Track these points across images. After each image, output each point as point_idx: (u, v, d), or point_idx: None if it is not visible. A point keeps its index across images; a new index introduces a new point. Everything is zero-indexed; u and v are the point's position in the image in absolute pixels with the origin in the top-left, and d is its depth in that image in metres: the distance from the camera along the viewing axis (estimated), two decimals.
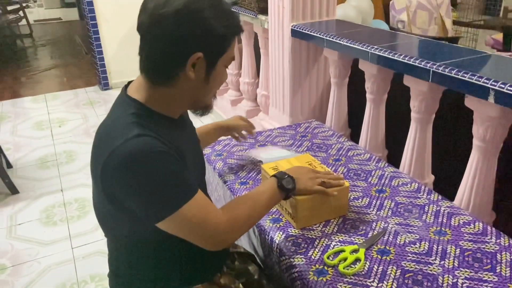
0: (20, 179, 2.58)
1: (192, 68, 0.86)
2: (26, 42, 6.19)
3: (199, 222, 0.86)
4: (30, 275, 1.83)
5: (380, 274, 0.99)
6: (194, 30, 0.83)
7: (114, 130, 0.85)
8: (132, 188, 0.82)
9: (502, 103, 1.13)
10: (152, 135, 0.83)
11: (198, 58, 0.85)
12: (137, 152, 0.80)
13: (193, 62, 0.86)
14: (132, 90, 0.91)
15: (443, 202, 1.25)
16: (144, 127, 0.84)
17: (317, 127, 1.81)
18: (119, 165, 0.80)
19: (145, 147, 0.80)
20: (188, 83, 0.88)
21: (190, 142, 1.03)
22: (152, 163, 0.80)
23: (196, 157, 1.05)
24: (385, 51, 1.50)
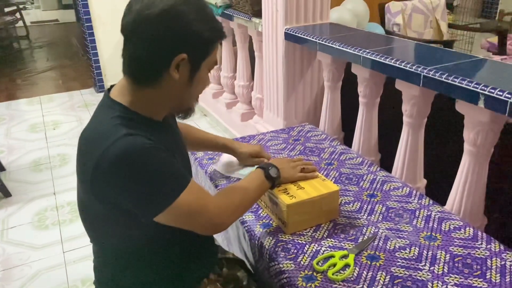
0: (13, 182, 2.56)
1: (176, 70, 0.87)
2: (22, 44, 6.17)
3: (197, 209, 0.89)
4: (21, 279, 1.81)
5: (369, 280, 0.98)
6: (180, 31, 0.85)
7: (100, 133, 0.85)
8: (126, 186, 0.82)
9: (492, 108, 1.13)
10: (140, 134, 0.84)
11: (183, 59, 0.86)
12: (128, 150, 0.80)
13: (177, 63, 0.86)
14: (115, 93, 0.91)
15: (434, 207, 1.24)
16: (131, 128, 0.84)
17: (310, 130, 1.80)
18: (112, 165, 0.80)
19: (135, 145, 0.81)
20: (172, 84, 0.89)
21: (176, 146, 1.02)
22: (144, 159, 0.81)
23: (183, 161, 1.05)
24: (377, 55, 1.49)
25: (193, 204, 0.88)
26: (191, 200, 0.87)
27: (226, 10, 2.64)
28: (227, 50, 2.98)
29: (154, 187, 0.83)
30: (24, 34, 6.41)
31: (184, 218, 0.89)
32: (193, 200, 0.88)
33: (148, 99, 0.90)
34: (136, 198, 0.84)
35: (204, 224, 0.92)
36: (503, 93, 1.10)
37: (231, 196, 1.00)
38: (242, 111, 2.87)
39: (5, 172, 2.68)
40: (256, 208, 1.26)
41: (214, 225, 0.95)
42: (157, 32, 0.84)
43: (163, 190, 0.84)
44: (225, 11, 2.64)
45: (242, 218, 1.23)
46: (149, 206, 0.84)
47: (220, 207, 0.94)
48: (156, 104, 0.92)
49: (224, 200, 0.98)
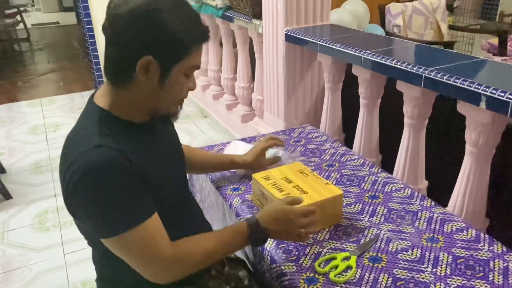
0: (14, 184, 2.56)
1: (145, 72, 0.83)
2: (23, 46, 6.18)
3: (143, 250, 0.83)
4: (22, 281, 1.81)
5: (371, 282, 0.98)
6: (145, 31, 0.81)
7: (76, 140, 0.86)
8: (83, 201, 0.81)
9: (493, 108, 1.13)
10: (113, 146, 0.81)
11: (149, 62, 0.82)
12: (92, 166, 0.78)
13: (144, 66, 0.83)
14: (97, 97, 0.90)
15: (436, 208, 1.24)
16: (107, 136, 0.83)
17: (311, 132, 1.80)
18: (75, 177, 0.79)
19: (101, 162, 0.79)
20: (142, 87, 0.86)
21: (163, 150, 0.98)
22: (106, 179, 0.79)
23: (170, 167, 1.00)
24: (378, 56, 1.49)
25: (141, 243, 0.82)
26: (140, 239, 0.82)
27: (226, 12, 2.64)
28: (227, 52, 2.98)
29: (107, 211, 0.80)
30: (25, 37, 6.42)
31: (128, 254, 0.84)
32: (142, 240, 0.82)
33: (124, 101, 0.88)
34: (88, 214, 0.83)
35: (146, 269, 0.86)
36: (505, 94, 1.09)
37: (194, 247, 0.91)
38: (242, 112, 2.87)
39: (5, 174, 2.68)
40: (257, 210, 1.26)
41: (156, 274, 0.87)
42: (122, 32, 0.81)
43: (115, 217, 0.81)
44: (226, 12, 2.64)
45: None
46: (97, 227, 0.83)
47: (171, 257, 0.86)
48: (132, 106, 0.89)
49: (181, 249, 0.88)
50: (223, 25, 2.85)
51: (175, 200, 1.01)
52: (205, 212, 1.58)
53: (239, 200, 1.31)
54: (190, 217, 1.08)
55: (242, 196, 1.33)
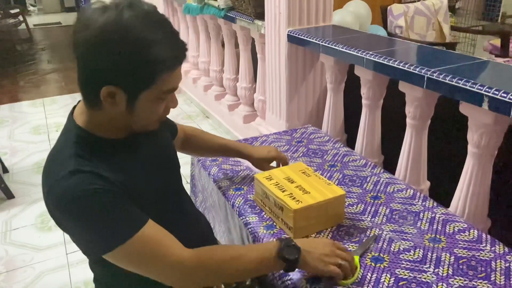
0: (16, 184, 2.57)
1: (110, 100, 0.79)
2: (25, 46, 6.20)
3: (148, 255, 0.81)
4: (24, 280, 1.82)
5: (374, 282, 0.98)
6: (106, 60, 0.76)
7: (54, 163, 0.84)
8: (69, 226, 0.81)
9: (496, 109, 1.13)
10: (88, 170, 0.79)
11: (112, 91, 0.78)
12: (69, 193, 0.77)
13: (107, 95, 0.78)
14: (76, 114, 0.88)
15: (438, 209, 1.24)
16: (83, 159, 0.81)
17: (313, 132, 1.80)
18: (55, 205, 0.80)
19: (77, 187, 0.78)
20: (111, 111, 0.82)
21: (150, 160, 0.96)
22: (86, 203, 0.78)
23: (159, 175, 0.98)
24: (380, 57, 1.49)
25: (146, 251, 0.81)
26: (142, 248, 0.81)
27: (228, 13, 2.64)
28: (229, 52, 2.99)
29: (96, 231, 0.80)
30: (27, 37, 6.43)
31: (138, 265, 0.83)
32: (144, 248, 0.81)
33: (99, 121, 0.85)
34: (78, 238, 0.83)
35: (167, 274, 0.83)
36: (507, 95, 1.09)
37: (219, 254, 0.88)
38: (244, 113, 2.88)
39: (8, 174, 2.69)
40: (260, 210, 1.26)
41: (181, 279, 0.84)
42: (85, 59, 0.77)
43: (105, 236, 0.80)
44: (228, 13, 2.65)
45: (246, 219, 1.23)
46: (94, 249, 0.82)
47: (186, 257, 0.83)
48: (107, 125, 0.86)
49: (198, 253, 0.85)
50: (225, 26, 2.85)
51: (166, 207, 0.99)
52: (207, 212, 1.59)
53: (242, 200, 1.32)
54: (185, 221, 1.07)
55: (245, 196, 1.33)
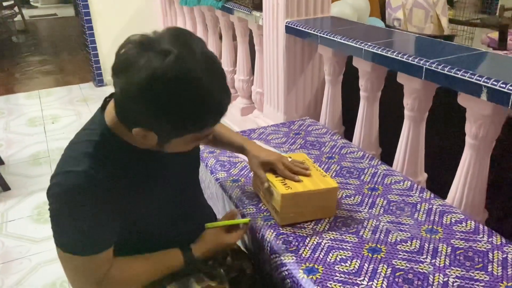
0: (12, 176, 2.55)
1: (142, 137, 0.80)
2: (21, 38, 6.14)
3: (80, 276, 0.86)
4: (20, 272, 1.81)
5: (370, 273, 0.98)
6: (145, 108, 0.75)
7: (71, 152, 0.85)
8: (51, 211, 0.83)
9: (494, 100, 1.13)
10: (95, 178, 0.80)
11: (144, 133, 0.79)
12: (67, 189, 0.80)
13: (139, 134, 0.79)
14: (108, 110, 0.86)
15: (435, 200, 1.24)
16: (99, 163, 0.82)
17: (311, 124, 1.80)
18: (52, 189, 0.82)
19: (76, 188, 0.79)
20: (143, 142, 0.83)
21: (169, 173, 0.96)
22: (74, 205, 0.80)
23: (173, 187, 0.99)
24: (379, 48, 1.48)
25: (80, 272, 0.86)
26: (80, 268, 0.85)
27: (226, 4, 2.62)
28: (227, 44, 2.97)
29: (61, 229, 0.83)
30: (22, 28, 6.37)
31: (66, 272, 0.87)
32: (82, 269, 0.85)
33: (129, 133, 0.83)
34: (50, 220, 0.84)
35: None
36: (506, 85, 1.09)
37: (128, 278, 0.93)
38: (242, 105, 2.86)
39: (4, 165, 2.68)
40: (257, 201, 1.26)
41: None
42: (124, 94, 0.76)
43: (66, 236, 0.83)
44: (225, 4, 2.62)
45: (243, 211, 1.22)
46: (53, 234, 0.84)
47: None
48: (136, 141, 0.85)
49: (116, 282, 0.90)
50: (222, 17, 2.83)
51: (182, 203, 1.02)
52: None
53: (239, 192, 1.31)
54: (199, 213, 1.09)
55: (242, 188, 1.33)
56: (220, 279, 1.04)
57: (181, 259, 0.98)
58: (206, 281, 1.02)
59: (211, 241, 1.02)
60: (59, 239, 0.84)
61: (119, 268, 0.90)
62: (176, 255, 0.98)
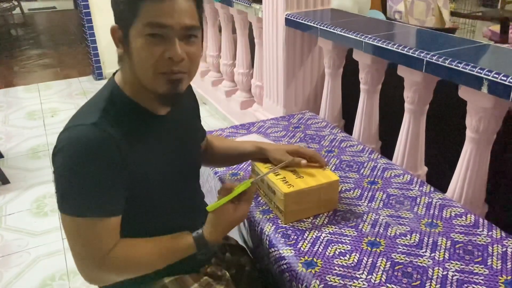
0: (11, 169, 2.55)
1: (117, 41, 0.87)
2: (19, 31, 6.11)
3: (83, 242, 0.82)
4: (20, 265, 1.81)
5: (369, 266, 0.98)
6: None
7: (82, 110, 0.88)
8: (57, 169, 0.81)
9: (495, 93, 1.12)
10: (107, 130, 0.79)
11: (113, 29, 0.86)
12: (76, 142, 0.79)
13: (112, 34, 0.86)
14: (118, 73, 0.92)
15: (435, 194, 1.24)
16: (109, 116, 0.82)
17: (311, 118, 1.79)
18: (59, 144, 0.81)
19: (86, 142, 0.78)
20: (119, 53, 0.88)
21: (171, 143, 0.96)
22: (82, 161, 0.78)
23: (175, 160, 0.97)
24: (379, 40, 1.47)
25: (83, 238, 0.81)
26: (84, 233, 0.80)
27: None
28: (226, 37, 2.95)
29: (67, 189, 0.80)
30: (21, 21, 6.34)
31: (69, 240, 0.83)
32: (86, 235, 0.80)
33: (127, 78, 0.88)
34: (55, 181, 0.82)
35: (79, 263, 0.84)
36: (507, 78, 1.08)
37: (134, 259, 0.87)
38: (241, 99, 2.85)
39: (3, 159, 2.67)
40: (256, 194, 1.25)
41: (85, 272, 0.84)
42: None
43: (71, 197, 0.80)
44: None
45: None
46: (57, 198, 0.82)
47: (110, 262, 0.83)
48: (132, 84, 0.87)
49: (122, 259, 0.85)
50: (222, 10, 2.81)
51: (174, 194, 0.98)
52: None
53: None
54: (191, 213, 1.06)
55: (241, 181, 1.32)
56: (226, 282, 1.02)
57: (191, 242, 0.90)
58: (214, 285, 1.00)
59: (221, 221, 0.93)
60: (64, 201, 0.80)
61: (124, 247, 0.85)
62: (187, 238, 0.91)
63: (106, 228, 0.82)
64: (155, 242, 0.89)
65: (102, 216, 0.81)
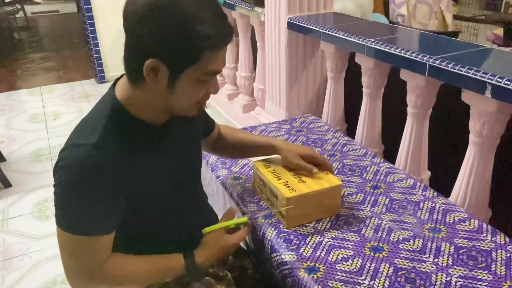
0: (13, 173, 2.55)
1: (153, 75, 0.79)
2: (22, 35, 6.14)
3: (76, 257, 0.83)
4: (21, 269, 1.81)
5: (372, 272, 0.97)
6: (153, 32, 0.76)
7: (83, 126, 0.86)
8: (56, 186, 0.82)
9: (499, 97, 1.11)
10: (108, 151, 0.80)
11: (156, 65, 0.78)
12: (76, 164, 0.79)
13: (151, 69, 0.78)
14: (118, 86, 0.88)
15: (438, 199, 1.23)
16: (110, 134, 0.82)
17: (313, 121, 1.78)
18: (60, 162, 0.81)
19: (86, 164, 0.78)
20: (152, 89, 0.82)
21: (173, 153, 0.96)
22: (82, 182, 0.79)
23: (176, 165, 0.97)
24: (382, 44, 1.47)
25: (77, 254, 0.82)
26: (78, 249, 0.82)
27: (228, 0, 2.60)
28: None
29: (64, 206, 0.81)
30: (25, 25, 6.37)
31: (63, 253, 0.84)
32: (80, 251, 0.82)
33: (138, 99, 0.85)
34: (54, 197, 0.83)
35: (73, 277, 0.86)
36: (511, 82, 1.07)
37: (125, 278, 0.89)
38: (244, 102, 2.85)
39: (5, 162, 2.67)
40: (258, 198, 1.24)
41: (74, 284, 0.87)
42: (133, 29, 0.78)
43: (68, 214, 0.81)
44: (228, 0, 2.61)
45: (245, 209, 1.21)
46: (55, 212, 0.83)
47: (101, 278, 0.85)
48: (145, 105, 0.86)
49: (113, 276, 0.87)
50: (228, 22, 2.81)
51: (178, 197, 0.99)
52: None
53: (240, 189, 1.30)
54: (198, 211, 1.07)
55: (243, 185, 1.32)
56: (227, 283, 1.02)
57: (182, 264, 0.93)
58: (214, 285, 1.00)
59: (213, 244, 0.97)
60: (61, 216, 0.82)
61: (116, 262, 0.87)
62: (177, 259, 0.93)
63: (100, 244, 0.84)
64: (146, 260, 0.91)
65: (96, 235, 0.83)
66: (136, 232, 0.95)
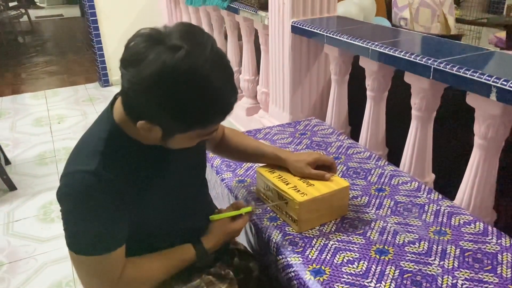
0: (18, 176, 2.56)
1: (147, 129, 0.79)
2: (27, 39, 6.17)
3: (93, 276, 0.86)
4: (27, 272, 1.82)
5: (378, 274, 0.97)
6: (149, 102, 0.75)
7: (82, 149, 0.86)
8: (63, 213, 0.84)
9: (504, 100, 1.11)
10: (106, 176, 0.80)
11: (149, 126, 0.78)
12: (76, 190, 0.80)
13: (143, 127, 0.79)
14: (117, 106, 0.86)
15: (443, 202, 1.23)
16: (108, 160, 0.82)
17: (317, 124, 1.79)
18: (62, 189, 0.82)
19: (86, 190, 0.80)
20: (148, 133, 0.81)
21: (175, 169, 0.96)
22: (85, 206, 0.81)
23: (179, 184, 0.98)
24: (386, 47, 1.47)
25: (93, 273, 0.85)
26: (93, 269, 0.84)
27: (232, 3, 2.62)
28: (232, 44, 2.96)
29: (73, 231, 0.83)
30: (28, 29, 6.41)
31: (80, 274, 0.87)
32: (95, 270, 0.85)
33: (134, 126, 0.82)
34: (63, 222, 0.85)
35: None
36: None
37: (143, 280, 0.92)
38: (247, 105, 2.86)
39: (10, 165, 2.69)
40: (262, 202, 1.25)
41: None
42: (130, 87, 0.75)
43: (78, 238, 0.83)
44: (231, 4, 2.62)
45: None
46: (65, 237, 0.85)
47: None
48: (141, 136, 0.85)
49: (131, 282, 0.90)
50: (228, 17, 2.82)
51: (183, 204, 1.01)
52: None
53: (245, 192, 1.31)
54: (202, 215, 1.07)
55: (248, 188, 1.32)
56: (230, 281, 1.03)
57: (193, 252, 0.97)
58: (216, 283, 1.01)
59: (219, 231, 1.03)
60: (72, 241, 0.84)
61: (133, 267, 0.89)
62: (188, 249, 0.98)
63: (114, 259, 0.86)
64: (159, 257, 0.94)
65: (109, 251, 0.84)
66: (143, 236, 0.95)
